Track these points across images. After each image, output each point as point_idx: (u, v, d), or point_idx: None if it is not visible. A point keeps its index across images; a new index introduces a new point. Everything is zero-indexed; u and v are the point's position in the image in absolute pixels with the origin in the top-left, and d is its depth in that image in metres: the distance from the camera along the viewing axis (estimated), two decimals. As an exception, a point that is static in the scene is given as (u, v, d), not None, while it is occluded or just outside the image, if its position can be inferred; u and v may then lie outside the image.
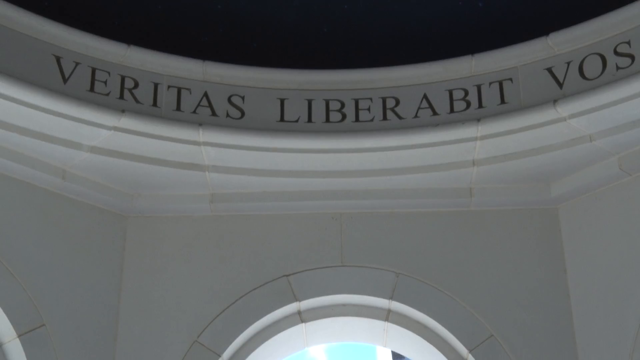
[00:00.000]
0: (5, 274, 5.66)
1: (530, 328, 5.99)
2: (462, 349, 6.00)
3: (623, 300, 5.78)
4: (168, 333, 6.03)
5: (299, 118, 6.34)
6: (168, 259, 6.30)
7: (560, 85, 5.99)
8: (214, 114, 6.27)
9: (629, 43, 5.80)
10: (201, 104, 6.28)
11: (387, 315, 6.24)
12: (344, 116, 6.35)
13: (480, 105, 6.21)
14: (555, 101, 5.86)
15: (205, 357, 5.95)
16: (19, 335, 5.57)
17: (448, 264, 6.24)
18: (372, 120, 6.32)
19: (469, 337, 5.98)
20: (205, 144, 6.11)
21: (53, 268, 5.91)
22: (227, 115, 6.28)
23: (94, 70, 6.07)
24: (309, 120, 6.35)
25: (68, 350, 5.73)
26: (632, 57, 5.74)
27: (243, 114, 6.30)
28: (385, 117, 6.32)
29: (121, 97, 6.09)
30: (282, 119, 6.33)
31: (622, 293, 5.80)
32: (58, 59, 5.96)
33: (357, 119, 6.34)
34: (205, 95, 6.33)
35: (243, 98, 6.36)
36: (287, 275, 6.24)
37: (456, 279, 6.18)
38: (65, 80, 5.92)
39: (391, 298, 6.16)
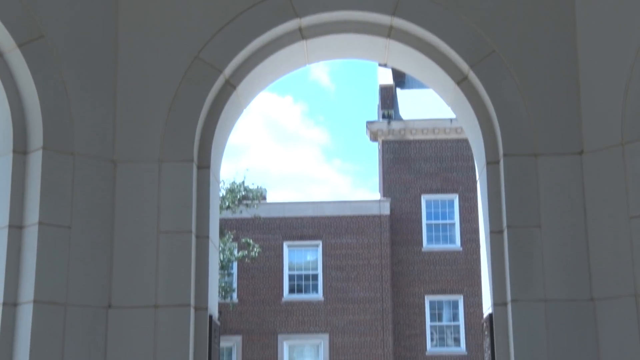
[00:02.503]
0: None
1: (533, 43, 5.94)
2: (464, 65, 6.00)
3: (626, 22, 5.70)
4: (168, 49, 6.00)
5: None
6: (164, -27, 6.11)
7: None
8: None
9: None
10: None
11: (389, 32, 6.17)
12: None
13: None
14: None
15: (207, 73, 5.96)
16: (19, 46, 5.54)
17: (453, -21, 6.05)
18: None
19: (470, 53, 5.95)
20: None
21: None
22: None
23: None
24: None
25: (69, 63, 5.72)
26: None
27: None
28: None
29: None
30: None
31: (625, 16, 5.71)
32: None
33: None
34: None
35: None
36: (287, -8, 6.07)
37: (460, -8, 6.02)
38: None
39: (393, 14, 6.05)
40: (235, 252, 34.48)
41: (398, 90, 42.20)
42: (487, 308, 5.99)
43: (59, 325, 5.28)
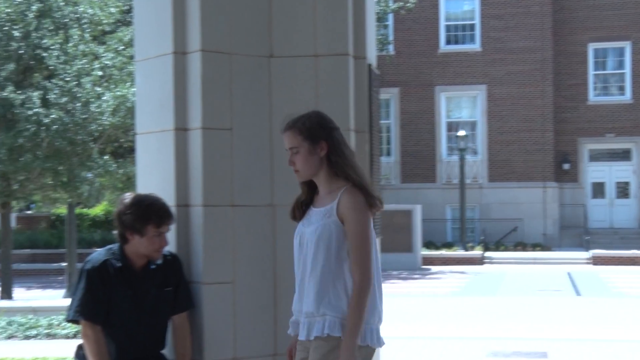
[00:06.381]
0: None
1: None
2: None
3: None
4: None
5: None
6: None
7: None
8: None
9: None
10: None
11: None
12: None
13: None
14: None
15: None
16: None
17: None
18: None
19: None
20: None
21: None
22: None
23: None
24: None
25: None
26: None
27: None
28: None
29: None
30: None
31: None
32: None
33: None
34: None
35: None
36: None
37: None
38: None
39: None
40: (391, 3, 34.02)
41: None
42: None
43: (225, 73, 5.50)
